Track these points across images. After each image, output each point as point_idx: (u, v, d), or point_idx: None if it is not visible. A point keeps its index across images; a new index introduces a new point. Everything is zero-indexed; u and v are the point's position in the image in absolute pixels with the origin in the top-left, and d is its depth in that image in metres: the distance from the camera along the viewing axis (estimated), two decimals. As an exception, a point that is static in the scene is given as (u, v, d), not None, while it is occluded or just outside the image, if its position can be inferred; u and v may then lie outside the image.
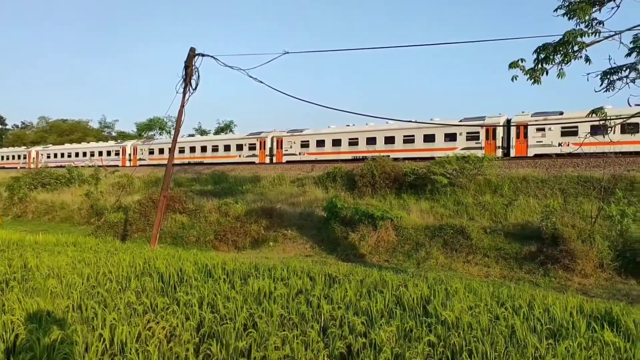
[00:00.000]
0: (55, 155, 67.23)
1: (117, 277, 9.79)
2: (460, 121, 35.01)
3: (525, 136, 32.92)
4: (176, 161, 49.86)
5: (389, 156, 33.99)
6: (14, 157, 74.19)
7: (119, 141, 70.00)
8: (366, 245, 22.01)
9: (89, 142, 72.52)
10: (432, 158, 31.22)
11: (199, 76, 14.85)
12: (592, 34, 10.57)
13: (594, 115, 12.18)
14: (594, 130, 20.68)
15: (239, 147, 47.98)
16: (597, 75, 11.44)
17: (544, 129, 32.02)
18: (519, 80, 11.13)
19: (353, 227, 23.23)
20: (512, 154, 33.19)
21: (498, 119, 34.40)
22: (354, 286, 9.37)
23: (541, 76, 10.59)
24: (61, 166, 55.93)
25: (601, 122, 13.17)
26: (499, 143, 33.89)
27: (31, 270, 10.36)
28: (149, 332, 6.61)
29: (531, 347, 6.15)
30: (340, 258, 21.59)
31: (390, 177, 29.17)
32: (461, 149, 33.70)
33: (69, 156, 64.79)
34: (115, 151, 59.98)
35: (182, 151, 51.53)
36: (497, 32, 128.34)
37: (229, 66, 14.52)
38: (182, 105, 15.18)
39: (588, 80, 11.34)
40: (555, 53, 10.24)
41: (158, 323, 6.94)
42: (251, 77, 14.57)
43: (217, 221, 26.49)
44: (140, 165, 54.15)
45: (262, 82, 14.14)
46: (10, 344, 6.15)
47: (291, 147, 44.28)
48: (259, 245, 24.64)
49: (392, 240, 22.14)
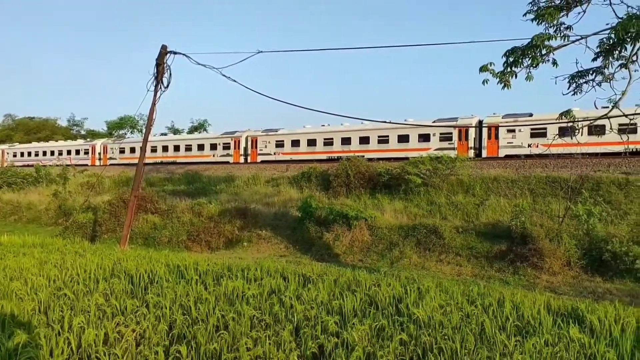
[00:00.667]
0: (22, 154, 65.33)
1: (84, 279, 9.58)
2: (434, 122, 35.44)
3: (497, 137, 33.54)
4: (148, 160, 48.95)
5: (363, 156, 34.14)
6: None
7: (88, 140, 68.49)
8: (340, 245, 22.08)
9: (57, 141, 70.69)
10: (406, 158, 31.50)
11: (170, 74, 14.69)
12: (560, 38, 10.84)
13: (563, 117, 12.47)
14: (562, 131, 21.20)
15: (213, 147, 47.51)
16: (565, 79, 11.73)
17: (514, 130, 32.67)
18: (490, 83, 11.30)
19: (327, 227, 23.27)
20: (484, 154, 33.76)
21: (470, 120, 34.95)
22: (327, 286, 9.39)
23: (511, 79, 10.80)
24: (28, 165, 54.37)
25: (569, 124, 13.50)
26: (471, 144, 34.43)
27: (-5, 273, 10.04)
28: (117, 335, 6.49)
29: (500, 345, 6.27)
30: (314, 258, 21.60)
31: (365, 177, 29.31)
32: (435, 150, 34.12)
33: (37, 155, 63.05)
34: (85, 150, 58.63)
35: (154, 150, 50.71)
36: (471, 34, 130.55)
37: (202, 64, 14.40)
38: (154, 104, 14.96)
39: (556, 83, 11.59)
40: (524, 56, 10.46)
41: (127, 326, 6.81)
42: (224, 75, 14.46)
43: (190, 221, 26.18)
44: (110, 165, 53.07)
45: (235, 81, 14.06)
46: (-30, 349, 5.94)
47: (266, 146, 44.08)
48: (232, 245, 24.45)
49: (366, 240, 22.26)
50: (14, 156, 65.99)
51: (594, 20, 11.29)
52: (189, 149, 49.35)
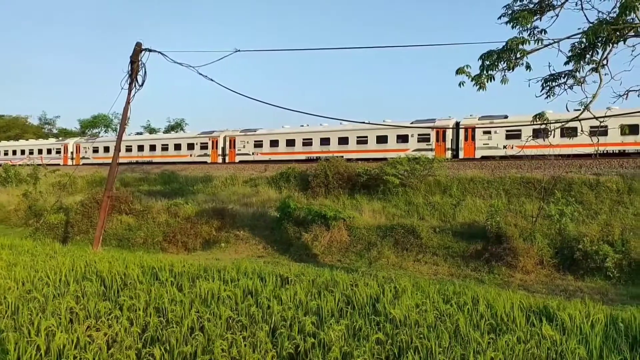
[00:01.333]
0: (-9, 153, 63.57)
1: (55, 281, 9.35)
2: (412, 123, 35.73)
3: (473, 138, 34.00)
4: (123, 160, 48.08)
5: (342, 157, 34.21)
6: None
7: (60, 139, 66.94)
8: (319, 245, 22.09)
9: (27, 140, 68.94)
10: (385, 159, 31.67)
11: (145, 72, 14.46)
12: (534, 41, 11.04)
13: (537, 119, 12.70)
14: (536, 133, 21.59)
15: (190, 147, 46.99)
16: (539, 82, 11.96)
17: (490, 132, 33.17)
18: (467, 85, 11.43)
19: (306, 228, 23.24)
20: (461, 155, 34.18)
21: (447, 121, 35.35)
22: (305, 286, 9.38)
23: (486, 82, 10.95)
24: (-3, 164, 52.93)
25: (542, 126, 13.77)
26: (448, 145, 34.82)
27: (-39, 276, 9.73)
28: (88, 338, 6.35)
29: (474, 342, 6.35)
30: (293, 258, 21.56)
31: (344, 177, 29.38)
32: (413, 150, 34.39)
33: (6, 154, 61.36)
34: (57, 149, 57.29)
35: (129, 150, 49.91)
36: (448, 36, 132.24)
37: (178, 62, 14.22)
38: (128, 102, 14.71)
39: (529, 86, 11.80)
40: (499, 60, 10.63)
41: (99, 329, 6.68)
42: (201, 74, 14.30)
43: (166, 222, 25.86)
44: (83, 164, 52.00)
45: (212, 79, 13.93)
46: None
47: (244, 146, 43.80)
48: (210, 246, 24.24)
49: (344, 240, 22.33)
50: (-18, 155, 64.18)
51: (566, 25, 11.53)
52: (165, 148, 48.71)
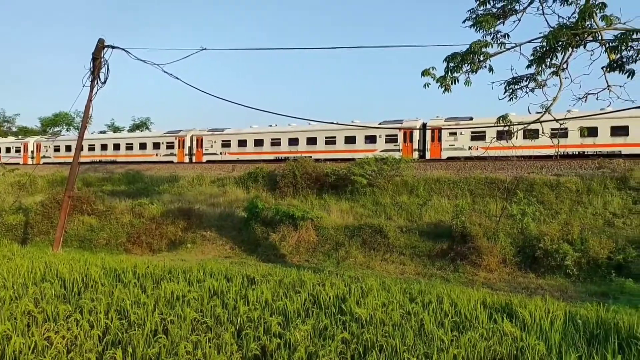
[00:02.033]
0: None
1: (13, 283, 9.01)
2: (380, 124, 36.05)
3: (439, 140, 34.56)
4: (86, 159, 46.87)
5: (311, 157, 34.23)
6: None
7: (20, 137, 64.58)
8: (287, 245, 22.04)
9: (-15, 138, 66.29)
10: (353, 159, 31.86)
11: (108, 69, 14.09)
12: (497, 45, 11.31)
13: (500, 121, 13.01)
14: (500, 135, 22.09)
15: (156, 146, 46.09)
16: (502, 84, 12.25)
17: (456, 133, 33.79)
18: (435, 87, 11.60)
19: (274, 228, 23.16)
20: (428, 156, 34.68)
21: (415, 122, 35.82)
22: (272, 286, 9.34)
23: (451, 84, 11.16)
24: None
25: (506, 128, 14.11)
26: (415, 146, 35.28)
27: None
28: (47, 342, 6.15)
29: (437, 340, 6.45)
30: (260, 259, 21.46)
31: (312, 177, 29.40)
32: (380, 151, 34.70)
33: (-38, 153, 58.82)
34: (16, 148, 55.24)
35: (92, 149, 48.59)
36: (416, 37, 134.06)
37: (142, 60, 13.92)
38: (90, 100, 14.32)
39: (493, 88, 12.08)
40: (464, 62, 10.85)
41: (58, 332, 6.47)
42: (166, 72, 14.04)
43: (130, 223, 25.33)
44: (44, 164, 50.32)
45: (177, 78, 13.69)
46: None
47: (212, 146, 43.29)
48: (176, 247, 23.89)
49: (312, 240, 22.36)
50: None
51: (528, 29, 11.85)
52: (130, 147, 47.64)
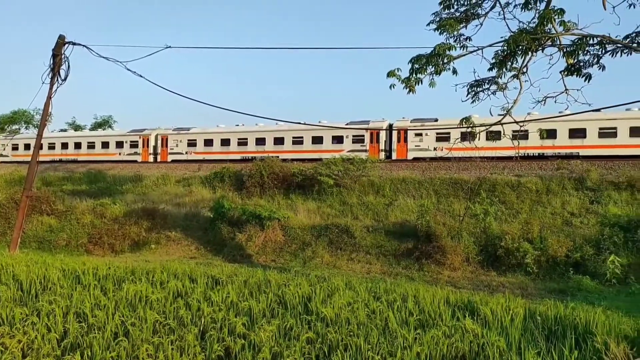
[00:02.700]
0: None
1: (-36, 287, 8.63)
2: (347, 124, 36.28)
3: (405, 140, 35.06)
4: (46, 158, 45.43)
5: (278, 157, 34.18)
6: None
7: (-25, 135, 62.01)
8: (253, 245, 21.94)
9: (-63, 135, 63.27)
10: (320, 159, 31.95)
11: (69, 66, 13.66)
12: (460, 48, 11.56)
13: (464, 123, 13.29)
14: (464, 136, 22.54)
15: (119, 145, 45.05)
16: (464, 87, 12.53)
17: (421, 134, 34.35)
18: (399, 88, 11.75)
19: (240, 228, 23.01)
20: (394, 156, 35.14)
21: (381, 123, 36.24)
22: (237, 287, 9.26)
23: (415, 85, 11.33)
24: None
25: (469, 129, 14.42)
26: (382, 146, 35.68)
27: None
28: (1, 346, 5.92)
29: (401, 338, 6.53)
30: (226, 259, 21.28)
31: (279, 177, 29.35)
32: (347, 151, 34.92)
33: None
34: (-29, 146, 53.04)
35: (52, 147, 47.12)
36: (383, 39, 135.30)
37: (104, 57, 13.57)
38: (49, 97, 13.87)
39: (456, 90, 12.34)
40: (428, 64, 11.04)
41: (13, 337, 6.24)
42: (129, 70, 13.71)
43: (91, 223, 24.72)
44: (2, 162, 48.52)
45: (141, 76, 13.41)
46: None
47: (177, 145, 42.64)
48: (139, 248, 23.43)
49: (279, 240, 22.32)
50: None
51: (490, 33, 12.17)
52: (91, 146, 46.42)
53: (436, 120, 34.59)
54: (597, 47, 10.38)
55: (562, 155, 29.04)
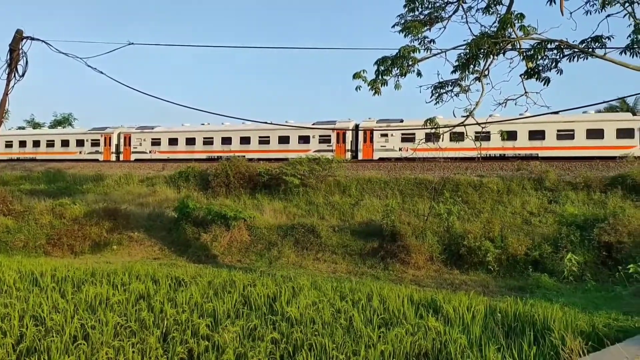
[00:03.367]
0: None
1: None
2: (314, 124, 36.34)
3: (371, 141, 35.39)
4: (3, 157, 43.79)
5: (244, 156, 33.93)
6: None
7: None
8: (219, 245, 21.73)
9: None
10: (287, 159, 31.91)
11: (27, 62, 13.11)
12: (425, 50, 11.76)
13: (428, 123, 13.51)
14: (428, 137, 22.90)
15: (80, 143, 43.78)
16: (428, 88, 12.74)
17: (387, 135, 34.76)
18: (365, 89, 11.85)
19: (205, 228, 22.74)
20: (360, 157, 35.42)
21: (347, 124, 36.46)
22: (201, 288, 9.17)
23: (381, 87, 11.47)
24: None
25: (433, 130, 14.67)
26: (348, 146, 35.90)
27: None
28: (-50, 354, 5.68)
29: (365, 336, 6.61)
30: (191, 260, 21.00)
31: (245, 177, 29.14)
32: (314, 151, 34.98)
33: None
34: None
35: (9, 145, 45.42)
36: (353, 41, 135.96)
37: (64, 53, 13.10)
38: (6, 94, 13.28)
39: (420, 92, 12.53)
40: (393, 66, 11.19)
41: (-36, 342, 5.99)
42: (90, 66, 13.30)
43: (50, 224, 23.95)
44: (-46, 161, 46.37)
45: (102, 72, 13.01)
46: None
47: (141, 144, 41.76)
48: (100, 249, 22.86)
49: (245, 240, 22.17)
50: None
51: (453, 36, 12.41)
52: (51, 144, 44.94)
53: (402, 121, 35.06)
54: (555, 51, 10.73)
55: (522, 156, 29.87)
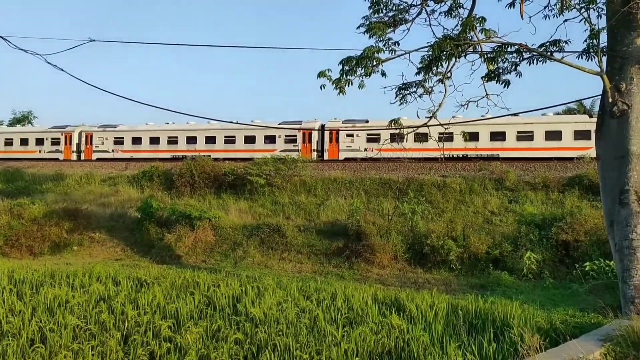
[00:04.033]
0: None
1: None
2: (280, 124, 36.28)
3: (337, 141, 35.61)
4: (-44, 156, 41.95)
5: (209, 156, 33.58)
6: None
7: None
8: (183, 246, 21.47)
9: None
10: (252, 159, 31.75)
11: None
12: (389, 51, 11.96)
13: (393, 124, 13.72)
14: (393, 137, 23.21)
15: (40, 142, 42.41)
16: (393, 89, 12.95)
17: (353, 135, 35.06)
18: (329, 88, 11.94)
19: (169, 228, 22.44)
20: (326, 157, 35.59)
21: (314, 124, 36.58)
22: (164, 289, 9.05)
23: (346, 87, 11.60)
24: None
25: (397, 131, 14.91)
26: (314, 146, 36.02)
27: None
28: None
29: (329, 336, 6.68)
30: (154, 260, 20.67)
31: (210, 177, 28.86)
32: (280, 151, 34.92)
33: None
34: None
35: (-36, 144, 43.56)
36: (319, 41, 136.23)
37: (23, 49, 12.73)
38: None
39: (385, 93, 12.73)
40: (358, 66, 11.34)
41: None
42: (50, 63, 12.97)
43: (7, 224, 23.19)
44: None
45: (62, 69, 12.72)
46: None
47: (103, 143, 40.78)
48: (60, 250, 22.29)
49: (209, 240, 21.97)
50: None
51: (417, 38, 12.63)
52: (9, 143, 43.43)
53: (367, 122, 35.41)
54: (515, 54, 11.10)
55: (483, 156, 30.65)
